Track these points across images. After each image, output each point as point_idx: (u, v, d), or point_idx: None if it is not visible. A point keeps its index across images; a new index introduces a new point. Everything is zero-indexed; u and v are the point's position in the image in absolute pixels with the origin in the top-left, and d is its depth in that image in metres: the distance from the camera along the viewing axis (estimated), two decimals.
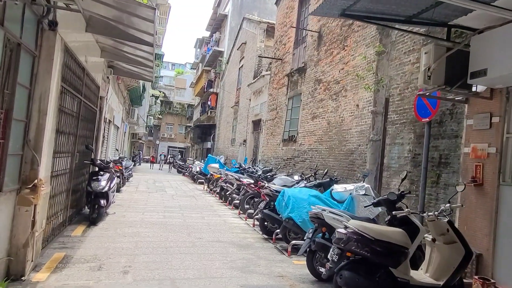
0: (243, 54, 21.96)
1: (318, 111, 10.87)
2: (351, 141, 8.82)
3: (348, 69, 9.34)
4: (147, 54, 7.87)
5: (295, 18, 13.88)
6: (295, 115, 12.76)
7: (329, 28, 10.77)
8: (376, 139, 7.63)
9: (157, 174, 26.60)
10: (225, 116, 25.78)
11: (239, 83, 22.68)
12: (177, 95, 63.13)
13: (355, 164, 8.55)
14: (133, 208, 9.31)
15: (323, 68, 10.83)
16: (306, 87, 12.00)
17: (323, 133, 10.35)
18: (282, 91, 14.27)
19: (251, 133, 18.27)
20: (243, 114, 20.16)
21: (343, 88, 9.52)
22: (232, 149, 22.11)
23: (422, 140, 6.45)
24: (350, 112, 9.03)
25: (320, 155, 10.39)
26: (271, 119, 15.17)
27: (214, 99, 30.72)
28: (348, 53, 9.45)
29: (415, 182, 6.50)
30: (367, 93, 8.37)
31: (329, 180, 7.40)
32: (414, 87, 6.81)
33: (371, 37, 8.45)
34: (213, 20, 37.41)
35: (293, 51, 13.69)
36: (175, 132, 58.68)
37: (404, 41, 7.25)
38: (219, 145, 27.23)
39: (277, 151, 14.03)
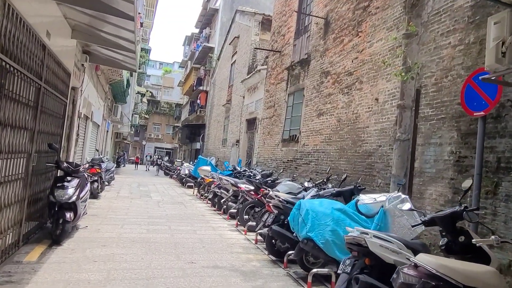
0: (236, 49, 20.60)
1: (325, 107, 9.58)
2: (369, 141, 7.54)
3: (364, 58, 8.07)
4: (128, 33, 6.44)
5: (296, 5, 12.59)
6: (296, 113, 11.46)
7: (339, 13, 9.50)
8: (404, 139, 6.36)
9: (143, 176, 25.01)
10: (216, 115, 24.36)
11: (231, 79, 21.30)
12: (165, 95, 61.43)
13: (374, 168, 7.27)
14: (111, 220, 7.85)
15: (332, 58, 9.55)
16: (310, 81, 10.71)
17: (332, 132, 9.06)
18: (281, 87, 12.96)
19: (245, 133, 16.92)
20: (236, 113, 18.79)
21: (357, 80, 8.24)
22: (224, 150, 20.71)
23: (469, 139, 5.20)
24: (367, 107, 7.76)
25: (328, 157, 9.09)
26: (268, 118, 13.84)
27: (204, 97, 29.27)
28: (364, 40, 8.18)
29: (460, 192, 5.23)
30: (389, 84, 7.11)
31: (353, 188, 6.09)
32: (456, 74, 5.56)
33: (395, 19, 7.20)
34: (202, 16, 35.98)
35: (294, 42, 12.39)
36: (162, 132, 56.90)
37: (441, 20, 6.00)
38: (209, 145, 25.78)
39: (275, 152, 12.71)
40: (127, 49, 7.55)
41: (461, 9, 5.62)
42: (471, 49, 5.35)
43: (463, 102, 4.96)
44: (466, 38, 5.46)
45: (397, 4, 7.15)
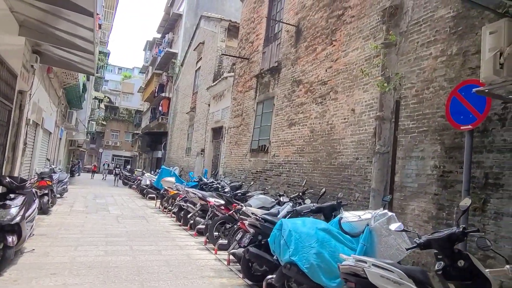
0: (201, 55, 20.01)
1: (297, 117, 9.26)
2: (345, 153, 7.27)
3: (339, 67, 7.84)
4: (86, 32, 5.76)
5: (265, 12, 12.30)
6: (266, 122, 11.08)
7: (311, 21, 9.28)
8: (383, 151, 6.12)
9: (100, 186, 23.54)
10: (179, 123, 23.52)
11: (195, 86, 20.64)
12: (124, 100, 59.18)
13: (351, 182, 7.00)
14: (63, 240, 6.98)
15: (304, 67, 9.28)
16: (280, 90, 10.39)
17: (305, 143, 8.75)
18: (249, 95, 12.56)
19: (211, 142, 16.31)
20: (201, 121, 18.14)
21: (332, 89, 8.00)
22: (187, 160, 19.92)
23: (453, 153, 5.02)
24: (342, 118, 7.51)
25: (301, 169, 8.75)
26: (236, 127, 13.37)
27: (166, 104, 28.26)
28: (338, 49, 7.97)
29: (446, 208, 5.03)
30: (366, 95, 6.90)
31: (334, 204, 5.73)
32: (438, 86, 5.40)
33: (371, 28, 7.02)
34: (165, 21, 35.04)
35: (263, 50, 12.06)
36: (121, 139, 54.59)
37: (421, 30, 5.85)
38: (171, 154, 24.81)
39: (243, 163, 12.23)
40: (84, 49, 6.82)
41: (442, 20, 5.49)
42: (454, 61, 5.21)
43: (448, 115, 4.77)
44: (448, 49, 5.32)
45: (374, 13, 6.99)
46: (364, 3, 7.33)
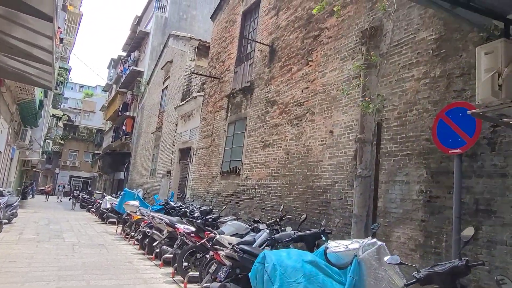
0: (169, 73, 19.49)
1: (271, 139, 8.94)
2: (323, 177, 6.97)
3: (316, 88, 7.65)
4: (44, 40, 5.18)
5: (237, 32, 12.10)
6: (238, 143, 10.67)
7: (286, 41, 9.12)
8: (365, 175, 5.87)
9: (54, 210, 21.89)
10: (144, 143, 22.58)
11: (162, 105, 19.97)
12: (85, 119, 56.74)
13: (330, 206, 6.67)
14: (7, 275, 6.07)
15: (278, 87, 9.05)
16: (253, 110, 10.07)
17: (280, 165, 8.40)
18: (220, 115, 12.15)
19: (178, 163, 15.61)
20: (168, 141, 17.43)
21: (308, 111, 7.76)
22: (152, 182, 18.99)
23: (440, 178, 4.83)
24: (320, 140, 7.25)
25: (275, 192, 8.36)
26: (205, 148, 12.84)
27: (130, 123, 27.22)
28: (315, 69, 7.80)
29: (434, 236, 4.79)
30: (345, 116, 6.70)
31: (318, 232, 5.33)
32: (422, 108, 5.26)
33: (349, 49, 6.91)
34: (131, 39, 34.34)
35: (234, 69, 11.78)
36: (80, 160, 51.98)
37: (402, 52, 5.76)
38: (134, 176, 23.67)
39: (213, 185, 11.67)
40: (42, 60, 6.18)
41: (424, 42, 5.42)
42: (438, 83, 5.10)
43: (435, 138, 4.60)
44: (431, 72, 5.22)
45: (352, 35, 6.90)
46: (341, 24, 7.25)
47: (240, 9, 12.18)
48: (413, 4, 5.68)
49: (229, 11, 13.06)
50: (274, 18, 9.93)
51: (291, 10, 9.15)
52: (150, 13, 28.60)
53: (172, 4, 27.77)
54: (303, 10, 8.62)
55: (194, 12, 28.36)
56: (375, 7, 6.46)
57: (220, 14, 13.91)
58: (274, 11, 10.01)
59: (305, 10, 8.54)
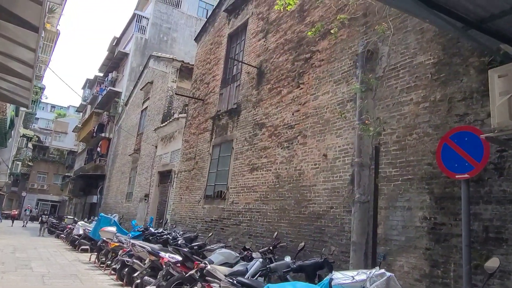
0: (149, 94, 19.08)
1: (260, 162, 8.67)
2: (317, 202, 6.72)
3: (308, 111, 7.51)
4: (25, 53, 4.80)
5: (223, 54, 11.98)
6: (223, 166, 10.33)
7: (275, 63, 9.04)
8: (363, 200, 5.66)
9: (21, 236, 20.50)
10: (120, 165, 21.76)
11: (141, 127, 19.42)
12: (56, 140, 54.72)
13: (325, 233, 6.40)
14: None
15: (267, 110, 8.87)
16: (240, 133, 9.81)
17: (269, 189, 8.10)
18: (204, 137, 11.82)
19: (157, 187, 15.01)
20: (146, 164, 16.83)
21: (299, 134, 7.59)
22: (128, 206, 18.16)
23: (445, 204, 4.68)
24: (313, 163, 7.04)
25: (264, 218, 8.01)
26: (187, 171, 12.40)
27: (106, 145, 26.34)
28: (307, 92, 7.69)
29: (441, 265, 4.58)
30: (340, 140, 6.55)
31: (319, 262, 5.01)
32: (423, 132, 5.16)
33: (343, 72, 6.84)
34: (109, 60, 33.85)
35: (220, 91, 11.58)
36: (49, 182, 49.69)
37: (399, 75, 5.72)
38: (108, 199, 22.65)
39: (196, 210, 11.18)
40: (20, 75, 5.74)
41: (422, 66, 5.39)
42: (438, 107, 5.04)
43: (440, 163, 4.46)
44: (431, 95, 5.17)
45: (345, 58, 6.86)
46: (334, 47, 7.21)
47: (226, 31, 12.11)
48: (410, 28, 5.71)
49: (214, 33, 12.98)
50: (262, 40, 9.88)
51: (280, 33, 9.12)
52: (130, 34, 28.32)
53: (152, 26, 27.64)
54: (293, 33, 8.60)
55: (175, 35, 28.31)
56: (369, 31, 6.46)
57: (204, 36, 13.82)
58: (262, 34, 9.97)
59: (295, 33, 8.51)
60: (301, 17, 8.45)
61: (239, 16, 11.49)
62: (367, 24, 6.55)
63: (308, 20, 8.17)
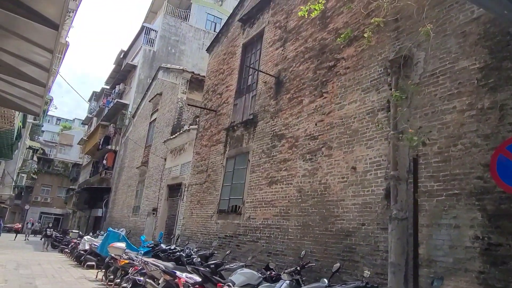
0: (157, 106, 18.80)
1: (279, 175, 8.23)
2: (346, 218, 6.25)
3: (333, 121, 7.10)
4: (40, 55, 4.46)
5: (237, 64, 11.67)
6: (238, 179, 9.89)
7: (294, 72, 8.68)
8: (402, 217, 5.19)
9: (24, 251, 19.98)
10: (126, 178, 21.35)
11: (149, 139, 19.07)
12: (61, 153, 54.58)
13: (356, 252, 5.91)
14: None
15: (287, 120, 8.48)
16: (257, 144, 9.40)
17: (290, 204, 7.64)
18: (217, 149, 11.42)
19: (166, 200, 14.55)
20: (155, 176, 16.40)
21: (324, 145, 7.17)
22: (135, 220, 17.66)
23: (501, 222, 4.21)
24: (340, 177, 6.60)
25: (285, 235, 7.53)
26: (199, 184, 11.96)
27: (112, 158, 25.99)
28: (331, 101, 7.30)
29: None
30: (371, 151, 6.11)
31: (361, 287, 4.52)
32: (470, 143, 4.72)
33: (372, 80, 6.46)
34: (116, 72, 33.86)
35: (234, 101, 11.22)
36: (52, 195, 49.24)
37: (438, 82, 5.32)
38: (114, 213, 22.17)
39: (208, 225, 10.69)
40: (34, 80, 5.38)
41: (466, 71, 4.99)
42: (487, 115, 4.61)
43: (495, 176, 4.02)
44: (477, 103, 4.75)
45: (375, 65, 6.48)
46: (361, 54, 6.85)
47: (240, 41, 11.84)
48: (449, 32, 5.34)
49: (228, 43, 12.72)
50: (280, 49, 9.56)
51: (300, 41, 8.80)
52: (138, 46, 28.27)
53: (161, 39, 27.59)
54: (315, 40, 8.27)
55: (183, 47, 28.22)
56: (401, 37, 6.10)
57: (217, 46, 13.56)
58: (279, 43, 9.65)
59: (317, 40, 8.18)
60: (323, 24, 8.13)
61: (254, 26, 11.23)
62: (398, 29, 6.20)
63: (331, 27, 7.85)
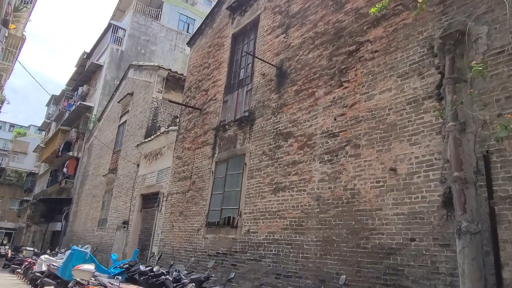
0: (128, 107, 17.00)
1: (287, 180, 6.94)
2: (386, 231, 5.05)
3: (359, 115, 5.93)
4: None
5: (226, 56, 10.34)
6: (232, 187, 8.49)
7: (302, 61, 7.49)
8: (475, 230, 4.05)
9: None
10: (91, 187, 19.20)
11: (118, 144, 17.18)
12: (14, 161, 50.15)
13: (404, 275, 4.70)
14: None
15: (295, 116, 7.24)
16: (255, 145, 8.08)
17: (305, 215, 6.36)
18: (203, 152, 9.96)
19: (139, 212, 12.80)
20: (125, 185, 14.57)
21: (348, 143, 5.97)
22: (101, 234, 15.64)
23: None
24: (373, 180, 5.41)
25: (299, 252, 6.22)
26: (181, 192, 10.41)
27: (73, 165, 23.60)
28: (354, 92, 6.14)
29: None
30: (417, 148, 4.98)
31: None
32: None
33: (412, 63, 5.37)
34: (78, 74, 31.36)
35: (224, 98, 9.85)
36: (4, 207, 44.93)
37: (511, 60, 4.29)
38: (76, 227, 19.85)
39: (193, 241, 9.16)
40: None
41: None
42: None
43: None
44: None
45: (414, 46, 5.40)
46: (393, 34, 5.76)
47: (229, 31, 10.53)
48: None
49: (214, 34, 11.38)
50: (281, 37, 8.35)
51: (308, 26, 7.64)
52: (104, 45, 26.17)
53: (129, 38, 25.71)
54: (327, 24, 7.13)
55: (154, 48, 26.46)
56: (450, 11, 5.06)
57: (200, 38, 12.17)
58: (280, 29, 8.45)
59: (331, 24, 7.04)
60: (338, 5, 7.02)
61: (247, 13, 9.98)
62: (445, 2, 5.16)
63: (349, 8, 6.74)
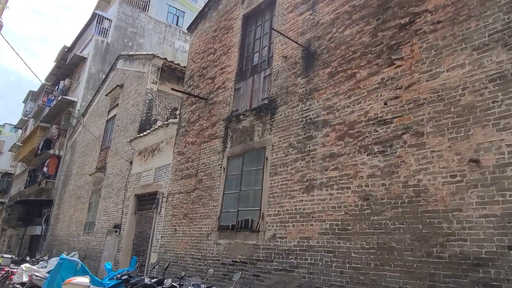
0: (118, 100, 15.65)
1: (324, 176, 5.92)
2: (470, 238, 4.09)
3: (419, 97, 4.97)
4: None
5: (236, 40, 9.25)
6: (250, 185, 7.42)
7: (337, 39, 6.49)
8: None
9: None
10: (75, 188, 17.68)
11: (107, 140, 15.79)
12: None
13: None
14: None
15: (330, 102, 6.23)
16: (279, 137, 7.03)
17: (350, 216, 5.35)
18: (212, 147, 8.84)
19: (133, 214, 11.54)
20: (116, 185, 13.24)
21: (406, 130, 5.01)
22: (87, 239, 14.23)
23: None
24: (448, 175, 4.45)
25: (345, 262, 5.21)
26: (185, 192, 9.25)
27: (54, 164, 21.94)
28: (411, 70, 5.18)
29: None
30: (508, 135, 4.05)
31: None
32: None
33: (492, 33, 4.43)
34: (58, 68, 29.54)
35: (235, 85, 8.76)
36: None
37: None
38: (58, 231, 18.26)
39: (202, 247, 8.03)
40: None
41: None
42: None
43: None
44: None
45: (494, 12, 4.47)
46: (462, 1, 4.84)
47: (239, 13, 9.45)
48: None
49: (220, 17, 10.27)
50: (307, 13, 7.34)
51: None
52: (88, 36, 24.57)
53: (115, 29, 24.21)
54: None
55: (141, 40, 25.04)
56: None
57: (203, 23, 11.03)
58: (305, 6, 7.44)
59: None
60: None
61: None
62: None
63: None
